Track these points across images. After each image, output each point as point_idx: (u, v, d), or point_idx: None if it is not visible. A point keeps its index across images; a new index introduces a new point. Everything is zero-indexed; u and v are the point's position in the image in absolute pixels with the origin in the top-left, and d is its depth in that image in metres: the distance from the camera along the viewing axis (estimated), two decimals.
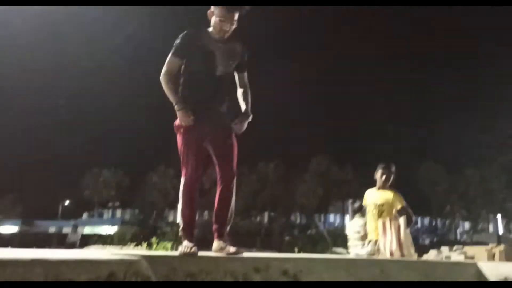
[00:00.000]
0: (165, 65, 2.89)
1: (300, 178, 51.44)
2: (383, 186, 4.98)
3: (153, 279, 2.03)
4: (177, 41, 2.88)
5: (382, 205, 4.75)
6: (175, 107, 2.84)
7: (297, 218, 53.89)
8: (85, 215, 63.55)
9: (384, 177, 5.01)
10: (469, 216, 55.65)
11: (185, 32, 2.88)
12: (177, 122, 2.88)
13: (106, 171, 58.39)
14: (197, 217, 2.98)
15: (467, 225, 59.81)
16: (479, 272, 3.25)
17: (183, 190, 2.90)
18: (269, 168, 53.56)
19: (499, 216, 53.69)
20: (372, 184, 5.20)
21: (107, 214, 64.34)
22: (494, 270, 3.24)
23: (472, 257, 6.77)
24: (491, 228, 55.45)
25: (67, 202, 61.48)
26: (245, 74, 3.09)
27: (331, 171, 53.22)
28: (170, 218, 52.06)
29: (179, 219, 2.92)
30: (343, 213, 62.57)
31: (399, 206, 4.68)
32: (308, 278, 2.63)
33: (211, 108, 2.89)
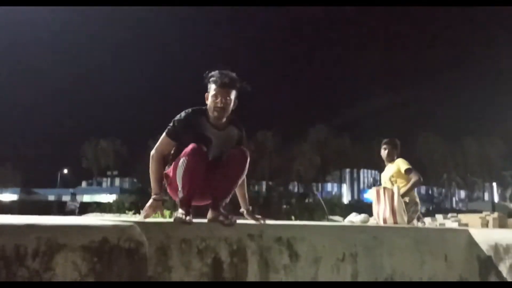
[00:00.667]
0: (158, 142, 2.80)
1: (299, 147, 51.54)
2: (390, 161, 5.01)
3: (147, 244, 2.05)
4: (174, 121, 2.75)
5: (393, 176, 4.79)
6: (153, 197, 2.81)
7: (294, 187, 54.39)
8: (83, 184, 63.98)
9: (386, 152, 5.03)
10: (465, 184, 56.24)
11: (183, 113, 2.76)
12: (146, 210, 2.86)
13: (104, 140, 58.43)
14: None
15: (462, 193, 60.51)
16: (470, 238, 3.31)
17: (187, 160, 2.66)
18: (267, 138, 53.66)
19: (494, 184, 54.24)
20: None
21: (105, 183, 64.77)
22: (485, 236, 3.29)
23: (466, 225, 6.85)
24: (486, 196, 56.14)
25: (65, 171, 61.78)
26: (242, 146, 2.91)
27: (329, 141, 53.37)
28: None
29: (179, 188, 2.72)
30: (340, 182, 63.12)
31: (404, 168, 4.72)
32: (301, 245, 2.67)
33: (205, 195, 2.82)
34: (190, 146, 2.60)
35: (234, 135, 2.87)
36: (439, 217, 10.89)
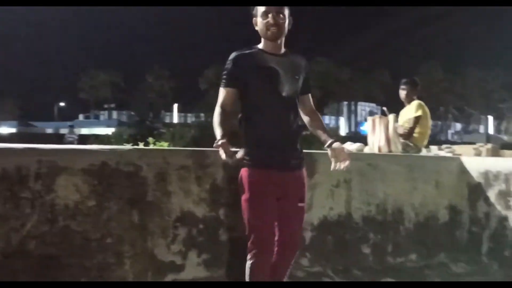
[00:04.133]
0: (218, 100, 2.33)
1: None
2: (408, 102, 4.91)
3: (145, 168, 2.10)
4: (225, 69, 2.33)
5: (410, 119, 4.72)
6: (217, 139, 2.14)
7: None
8: (81, 117, 63.98)
9: (405, 92, 4.92)
10: (461, 117, 56.47)
11: (231, 56, 2.32)
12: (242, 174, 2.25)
13: (100, 72, 57.67)
14: None
15: (458, 126, 60.96)
16: (461, 166, 3.39)
17: (251, 269, 2.21)
18: None
19: (490, 117, 54.50)
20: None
21: (103, 115, 64.74)
22: (476, 164, 3.37)
23: (459, 155, 6.95)
24: (481, 129, 56.61)
25: (62, 104, 61.56)
26: (310, 95, 2.52)
27: (329, 74, 52.77)
28: (167, 119, 52.61)
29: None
30: (338, 115, 63.27)
31: (414, 114, 4.65)
32: None
33: (284, 142, 2.31)
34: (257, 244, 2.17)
35: (301, 62, 2.45)
36: (433, 148, 11.06)
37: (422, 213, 3.28)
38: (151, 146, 13.71)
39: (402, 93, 4.93)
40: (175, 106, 58.26)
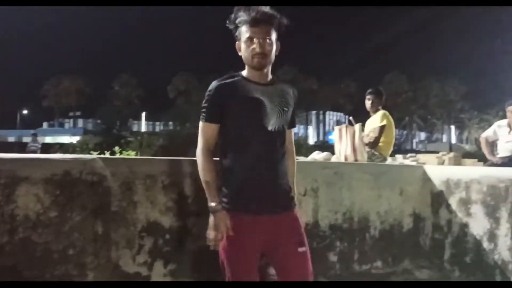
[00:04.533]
0: (199, 136, 2.08)
1: None
2: (374, 111, 5.01)
3: (109, 177, 2.06)
4: (206, 100, 2.07)
5: (375, 128, 4.81)
6: (211, 205, 1.99)
7: None
8: (45, 125, 62.28)
9: (370, 102, 5.03)
10: (425, 126, 58.10)
11: (212, 85, 2.07)
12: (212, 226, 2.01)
13: (65, 78, 56.37)
14: None
15: (422, 135, 62.68)
16: (425, 174, 3.48)
17: None
18: None
19: (453, 127, 56.33)
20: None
21: (68, 123, 63.26)
22: (438, 172, 3.46)
23: (423, 164, 7.14)
24: (444, 138, 58.40)
25: (25, 112, 59.78)
26: (292, 131, 2.34)
27: (297, 83, 53.33)
28: (135, 128, 51.88)
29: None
30: (306, 124, 63.93)
31: (378, 124, 4.76)
32: None
33: (271, 182, 2.06)
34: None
35: (289, 91, 2.22)
36: (398, 157, 11.35)
37: (387, 221, 3.34)
38: (118, 155, 13.52)
39: (368, 103, 5.05)
40: (143, 114, 57.57)
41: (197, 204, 2.55)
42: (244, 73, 2.11)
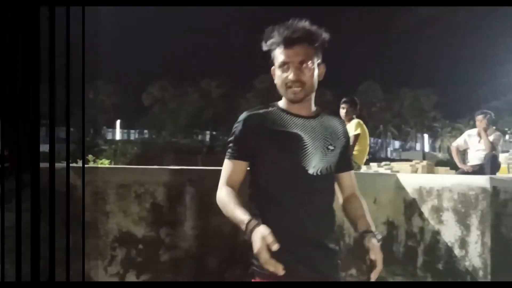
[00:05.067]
0: (221, 178, 1.72)
1: (243, 96, 51.45)
2: (348, 120, 5.07)
3: (79, 186, 2.02)
4: (233, 133, 1.74)
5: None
6: (246, 226, 1.48)
7: None
8: None
9: (344, 111, 5.08)
10: (399, 135, 59.19)
11: (242, 116, 1.74)
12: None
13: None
14: None
15: (397, 143, 63.77)
16: (398, 182, 3.53)
17: None
18: (211, 86, 53.03)
19: (426, 136, 57.56)
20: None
21: (41, 131, 61.89)
22: (411, 181, 3.51)
23: (398, 172, 7.25)
24: (418, 146, 59.58)
25: None
26: (352, 173, 1.92)
27: (274, 91, 53.54)
28: (109, 136, 51.19)
29: None
30: None
31: (352, 133, 4.81)
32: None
33: (311, 241, 1.66)
34: None
35: (338, 126, 1.83)
36: (373, 165, 11.54)
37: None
38: (91, 164, 13.31)
39: (342, 112, 5.11)
40: (118, 122, 56.85)
41: (170, 213, 2.53)
42: (281, 103, 1.78)
